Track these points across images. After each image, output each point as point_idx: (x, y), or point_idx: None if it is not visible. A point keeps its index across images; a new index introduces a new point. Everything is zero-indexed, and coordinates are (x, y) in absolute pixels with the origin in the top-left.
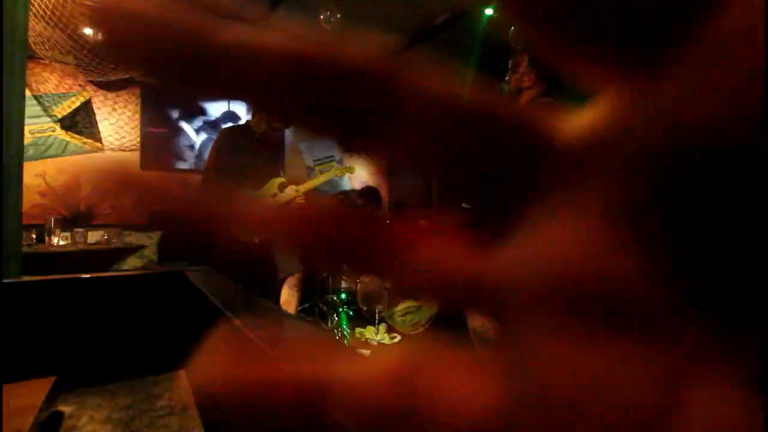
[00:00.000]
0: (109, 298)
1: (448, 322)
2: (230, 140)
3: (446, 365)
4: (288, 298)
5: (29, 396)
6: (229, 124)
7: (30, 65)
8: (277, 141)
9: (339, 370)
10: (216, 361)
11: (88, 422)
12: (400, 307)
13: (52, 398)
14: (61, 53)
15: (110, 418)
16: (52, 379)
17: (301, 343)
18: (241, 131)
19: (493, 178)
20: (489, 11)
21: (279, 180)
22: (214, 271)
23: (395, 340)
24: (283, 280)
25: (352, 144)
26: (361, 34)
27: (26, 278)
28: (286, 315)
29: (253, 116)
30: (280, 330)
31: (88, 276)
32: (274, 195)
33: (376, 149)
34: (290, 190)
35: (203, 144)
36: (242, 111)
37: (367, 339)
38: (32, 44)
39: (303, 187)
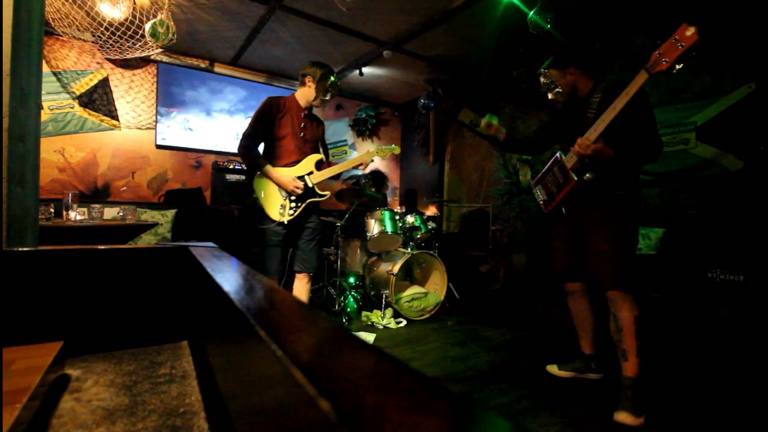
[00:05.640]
0: (117, 271)
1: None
2: (275, 109)
3: None
4: (298, 294)
5: (37, 358)
6: (276, 95)
7: (49, 42)
8: (319, 119)
9: None
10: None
11: (92, 385)
12: (408, 293)
13: (59, 362)
14: (78, 30)
15: (114, 382)
16: (59, 344)
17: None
18: (286, 103)
19: None
20: None
21: (317, 157)
22: (217, 248)
23: (401, 324)
24: (296, 272)
25: None
26: (377, 14)
27: (42, 247)
28: (278, 288)
29: (299, 89)
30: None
31: (99, 248)
32: (310, 173)
33: None
34: (315, 175)
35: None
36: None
37: (372, 322)
38: (51, 20)
39: (322, 174)
